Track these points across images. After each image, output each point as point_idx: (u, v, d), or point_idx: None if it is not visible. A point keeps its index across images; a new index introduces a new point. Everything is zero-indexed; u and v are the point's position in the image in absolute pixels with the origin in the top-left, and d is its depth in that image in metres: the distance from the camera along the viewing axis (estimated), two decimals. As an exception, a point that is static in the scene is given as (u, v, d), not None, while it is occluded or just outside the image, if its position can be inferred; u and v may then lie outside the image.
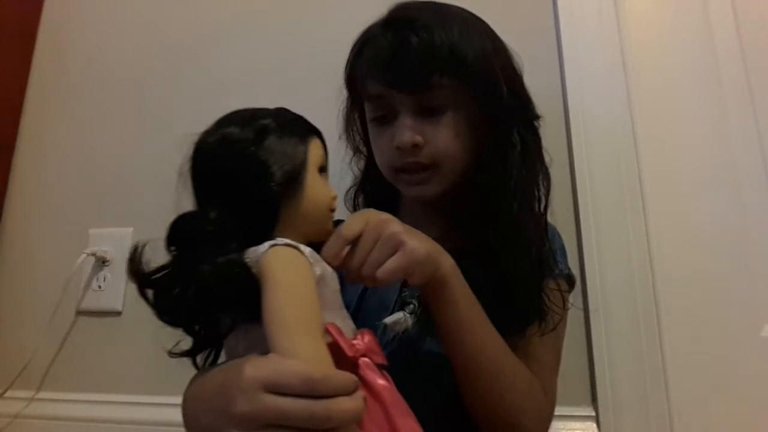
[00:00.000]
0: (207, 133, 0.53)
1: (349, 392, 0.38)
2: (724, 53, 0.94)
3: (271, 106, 1.10)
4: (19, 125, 1.13)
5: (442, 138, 0.62)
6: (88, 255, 0.99)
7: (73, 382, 0.97)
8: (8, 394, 0.96)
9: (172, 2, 1.13)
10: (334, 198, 0.55)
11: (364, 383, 0.45)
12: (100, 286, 1.00)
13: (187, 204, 0.52)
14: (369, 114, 0.67)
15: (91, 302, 1.00)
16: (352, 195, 0.80)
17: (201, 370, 0.54)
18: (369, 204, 0.80)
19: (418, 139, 0.61)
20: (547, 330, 0.62)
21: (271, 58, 1.06)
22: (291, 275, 0.44)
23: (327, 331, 0.45)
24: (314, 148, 0.53)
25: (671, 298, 0.85)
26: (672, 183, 0.91)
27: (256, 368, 0.39)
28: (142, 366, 0.95)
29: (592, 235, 0.86)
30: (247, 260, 0.45)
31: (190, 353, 0.53)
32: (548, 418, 0.63)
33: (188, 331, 0.50)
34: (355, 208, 0.80)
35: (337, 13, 1.05)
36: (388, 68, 0.60)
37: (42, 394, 0.97)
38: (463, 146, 0.63)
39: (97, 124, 1.10)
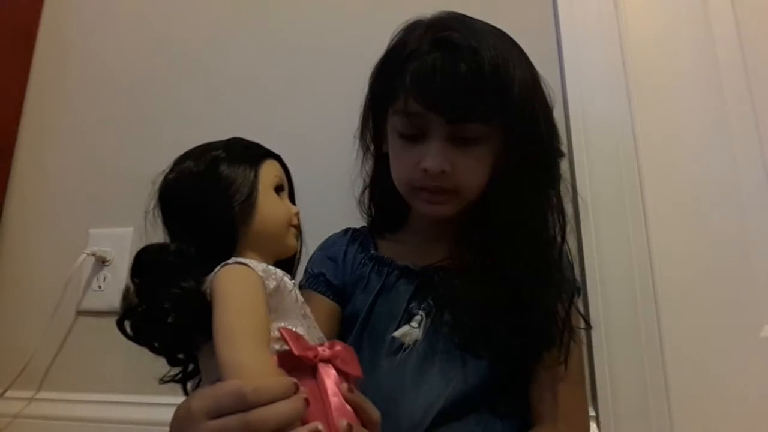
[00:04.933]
0: (166, 172, 0.58)
1: (286, 396, 0.40)
2: (724, 53, 0.94)
3: (271, 108, 1.12)
4: (19, 126, 1.12)
5: (470, 169, 0.63)
6: (88, 255, 0.99)
7: (73, 382, 0.97)
8: (8, 394, 0.96)
9: (173, 3, 1.13)
10: (296, 214, 0.57)
11: (321, 386, 0.46)
12: (100, 286, 1.00)
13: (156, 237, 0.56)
14: (397, 127, 0.65)
15: (91, 302, 1.00)
16: (366, 200, 0.80)
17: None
18: (378, 211, 0.80)
19: (447, 167, 0.61)
20: (564, 357, 0.62)
21: (271, 61, 1.05)
22: (235, 291, 0.47)
23: (281, 336, 0.47)
24: (267, 170, 0.57)
25: (671, 298, 0.85)
26: (672, 183, 0.91)
27: (199, 399, 0.42)
28: (142, 366, 0.94)
29: (592, 236, 0.86)
30: (204, 284, 0.48)
31: (180, 380, 0.57)
32: None
33: (169, 360, 0.54)
34: (369, 213, 0.80)
35: (338, 16, 1.05)
36: (435, 93, 0.59)
37: (42, 394, 0.97)
38: (486, 176, 0.64)
39: (97, 124, 1.10)
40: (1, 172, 1.08)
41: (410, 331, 0.63)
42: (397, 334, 0.63)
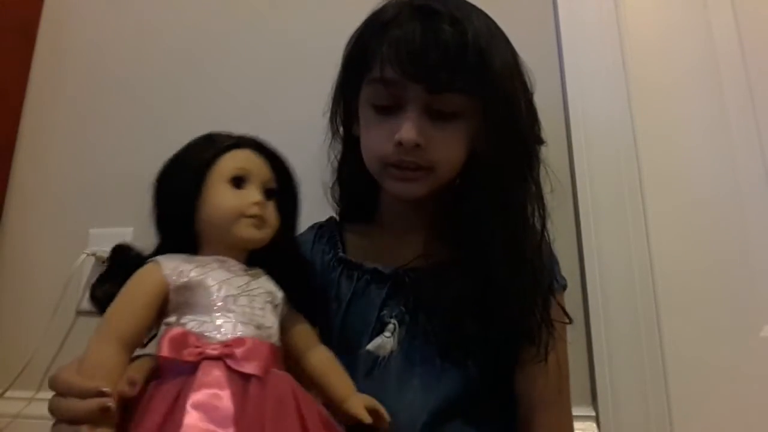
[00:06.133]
0: None
1: (83, 396, 0.43)
2: (724, 53, 0.95)
3: (270, 106, 1.11)
4: (19, 125, 1.12)
5: (446, 146, 0.60)
6: (88, 255, 0.99)
7: (73, 382, 0.97)
8: (8, 394, 0.96)
9: (173, 2, 1.13)
10: (254, 203, 0.54)
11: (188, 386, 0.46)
12: (100, 286, 1.00)
13: None
14: (371, 98, 0.62)
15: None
16: (336, 190, 0.77)
17: None
18: (346, 203, 0.77)
19: (422, 140, 0.58)
20: (543, 356, 0.60)
21: (270, 60, 1.05)
22: (124, 290, 0.50)
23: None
24: (226, 161, 0.55)
25: (671, 298, 0.85)
26: (672, 183, 0.91)
27: (64, 369, 0.47)
28: (142, 366, 0.95)
29: (592, 236, 0.86)
30: None
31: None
32: None
33: None
34: (338, 202, 0.78)
35: (337, 15, 1.05)
36: (416, 59, 0.56)
37: (42, 394, 0.96)
38: (462, 156, 0.61)
39: (97, 124, 1.10)
40: (1, 172, 1.08)
41: (384, 343, 0.61)
42: (370, 347, 0.61)
